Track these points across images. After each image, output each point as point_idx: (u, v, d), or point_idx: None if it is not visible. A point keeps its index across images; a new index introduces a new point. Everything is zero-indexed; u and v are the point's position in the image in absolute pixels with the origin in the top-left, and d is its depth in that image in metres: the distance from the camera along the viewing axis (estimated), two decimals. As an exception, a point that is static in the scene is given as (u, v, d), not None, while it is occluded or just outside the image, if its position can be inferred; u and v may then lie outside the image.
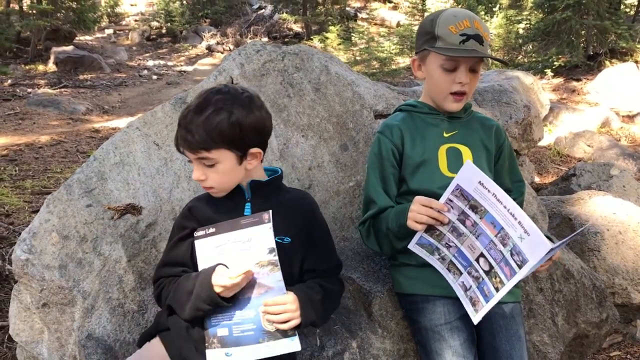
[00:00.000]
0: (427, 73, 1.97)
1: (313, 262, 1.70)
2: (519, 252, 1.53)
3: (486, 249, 1.61)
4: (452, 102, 1.94)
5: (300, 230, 1.68)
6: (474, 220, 1.62)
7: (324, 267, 1.72)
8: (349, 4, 19.38)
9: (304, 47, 2.56)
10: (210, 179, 1.62)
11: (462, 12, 1.90)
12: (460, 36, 1.84)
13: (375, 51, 12.79)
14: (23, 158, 6.30)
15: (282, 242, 1.64)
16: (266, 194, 1.72)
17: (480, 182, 1.57)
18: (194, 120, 1.56)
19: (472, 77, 1.91)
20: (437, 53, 1.88)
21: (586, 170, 4.53)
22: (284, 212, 1.67)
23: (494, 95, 4.44)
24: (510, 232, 1.54)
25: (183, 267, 1.68)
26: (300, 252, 1.68)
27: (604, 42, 10.91)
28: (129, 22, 21.42)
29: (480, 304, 1.65)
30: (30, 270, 2.02)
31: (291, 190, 1.83)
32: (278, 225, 1.59)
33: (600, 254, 3.04)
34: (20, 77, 12.18)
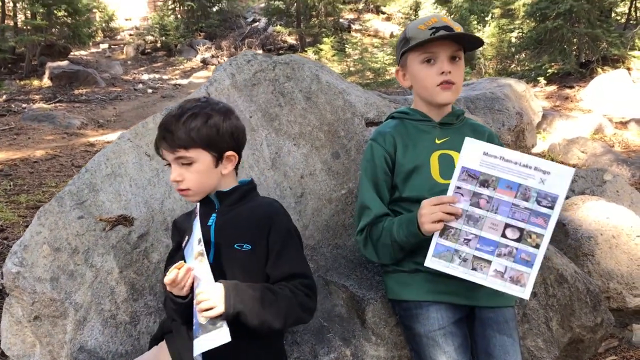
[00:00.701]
0: (411, 76, 2.00)
1: (270, 269, 1.68)
2: (546, 195, 1.58)
3: (510, 217, 1.62)
4: (441, 92, 1.93)
5: (260, 237, 1.67)
6: (488, 195, 1.62)
7: (281, 276, 1.66)
8: (343, 16, 19.49)
9: (294, 56, 2.57)
10: (187, 180, 1.66)
11: (430, 15, 1.97)
12: (429, 30, 1.89)
13: (369, 62, 12.87)
14: (18, 173, 6.28)
15: (240, 249, 1.65)
16: (231, 203, 1.74)
17: (484, 152, 1.60)
18: (174, 122, 1.65)
19: (455, 67, 1.92)
20: (413, 50, 1.92)
21: (579, 176, 4.54)
22: (244, 219, 1.70)
23: (486, 102, 4.46)
24: (530, 183, 1.59)
25: None
26: (261, 260, 1.67)
27: (596, 50, 10.98)
28: (123, 37, 21.47)
29: (524, 275, 1.62)
30: (21, 283, 2.01)
31: (259, 199, 1.82)
32: (236, 233, 1.67)
33: (594, 259, 3.04)
34: (15, 92, 12.19)
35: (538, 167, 1.59)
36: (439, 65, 1.91)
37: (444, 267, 1.67)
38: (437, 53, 1.90)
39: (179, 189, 1.69)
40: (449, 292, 1.83)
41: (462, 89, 2.00)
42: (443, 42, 1.89)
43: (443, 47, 1.90)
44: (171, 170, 1.68)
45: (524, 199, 1.60)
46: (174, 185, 1.70)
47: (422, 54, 1.92)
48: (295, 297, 1.62)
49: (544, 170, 1.58)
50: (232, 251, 1.65)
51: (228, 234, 1.68)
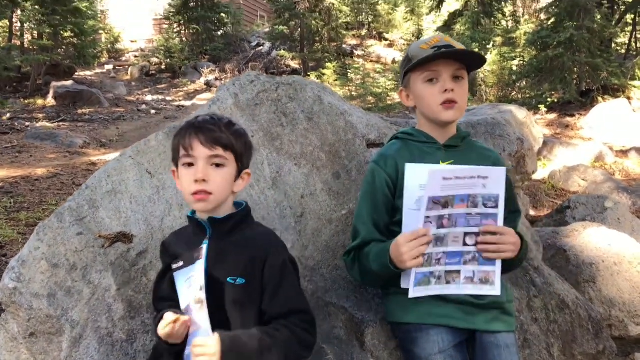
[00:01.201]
0: (415, 95, 1.99)
1: (266, 304, 1.60)
2: (489, 197, 1.73)
3: (466, 226, 1.74)
4: (444, 111, 1.92)
5: (254, 271, 1.60)
6: (448, 214, 1.72)
7: (278, 312, 1.59)
8: (346, 42, 19.69)
9: (297, 77, 2.59)
10: (213, 182, 1.60)
11: (433, 35, 1.99)
12: (431, 49, 1.89)
13: (370, 87, 12.95)
14: (19, 190, 6.29)
15: (234, 282, 1.59)
16: (224, 231, 1.67)
17: (443, 177, 1.68)
18: (213, 122, 1.64)
19: (458, 86, 1.92)
20: (415, 69, 1.93)
21: (581, 203, 4.54)
22: (239, 251, 1.63)
23: (487, 128, 4.46)
24: (475, 191, 1.71)
25: (170, 302, 1.65)
26: (257, 295, 1.61)
27: (596, 79, 11.07)
28: (129, 58, 21.69)
29: (490, 274, 1.77)
30: (18, 299, 1.99)
31: (254, 227, 1.75)
32: (230, 265, 1.60)
33: (595, 286, 3.02)
34: (19, 110, 12.25)
35: (479, 174, 1.71)
36: (442, 83, 1.90)
37: (425, 292, 1.76)
38: (440, 72, 1.90)
39: (201, 190, 1.59)
40: (449, 315, 1.81)
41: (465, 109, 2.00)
42: (445, 61, 1.89)
43: (445, 65, 1.90)
44: (198, 168, 1.60)
45: (474, 206, 1.73)
46: (192, 187, 1.60)
47: (425, 72, 1.92)
48: (295, 336, 1.56)
49: (483, 176, 1.71)
50: (224, 285, 1.59)
51: (221, 266, 1.60)
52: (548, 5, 12.07)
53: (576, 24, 10.78)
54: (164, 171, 2.26)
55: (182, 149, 1.63)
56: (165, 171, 2.26)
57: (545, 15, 12.56)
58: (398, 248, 1.72)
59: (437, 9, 16.80)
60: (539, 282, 2.39)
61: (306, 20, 17.47)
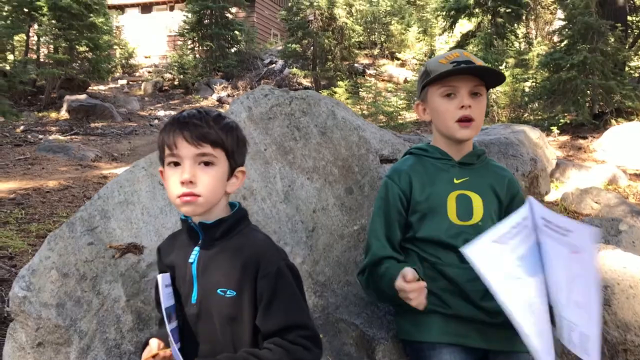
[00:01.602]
0: (431, 109, 1.97)
1: (259, 321, 1.45)
2: None
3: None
4: (460, 129, 1.89)
5: (246, 282, 1.44)
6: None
7: (272, 328, 1.42)
8: (358, 61, 19.79)
9: (311, 92, 2.59)
10: (202, 183, 1.43)
11: (452, 50, 1.97)
12: (451, 64, 1.87)
13: (382, 105, 12.97)
14: (30, 202, 6.32)
15: (224, 295, 1.44)
16: (215, 236, 1.51)
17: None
18: (200, 117, 1.47)
19: (475, 102, 1.89)
20: (433, 84, 1.91)
21: (594, 226, 4.48)
22: (228, 261, 1.48)
23: (500, 147, 4.45)
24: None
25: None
26: (249, 308, 1.45)
27: (610, 102, 11.01)
28: (142, 74, 21.92)
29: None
30: (27, 308, 1.99)
31: (248, 232, 1.56)
32: (220, 276, 1.46)
33: (610, 309, 2.96)
34: (32, 123, 12.40)
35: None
36: (459, 99, 1.88)
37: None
38: (458, 87, 1.88)
39: (188, 193, 1.43)
40: (463, 334, 1.78)
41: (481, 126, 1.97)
42: (464, 77, 1.87)
43: (464, 81, 1.87)
44: (185, 169, 1.43)
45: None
46: (178, 189, 1.45)
47: (442, 87, 1.90)
48: (290, 356, 1.39)
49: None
50: (215, 297, 1.45)
51: (211, 276, 1.47)
52: (561, 27, 12.06)
53: (589, 47, 10.77)
54: (176, 183, 2.25)
55: (166, 147, 1.47)
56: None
57: (558, 37, 12.55)
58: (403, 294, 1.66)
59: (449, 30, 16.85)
60: (554, 303, 2.35)
61: (319, 38, 17.61)
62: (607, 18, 11.18)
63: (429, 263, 1.85)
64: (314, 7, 17.69)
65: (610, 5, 11.90)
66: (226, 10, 19.86)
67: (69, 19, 13.99)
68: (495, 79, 1.95)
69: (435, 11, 17.95)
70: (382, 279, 1.80)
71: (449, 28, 16.65)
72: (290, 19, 18.23)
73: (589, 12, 10.90)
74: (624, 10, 12.28)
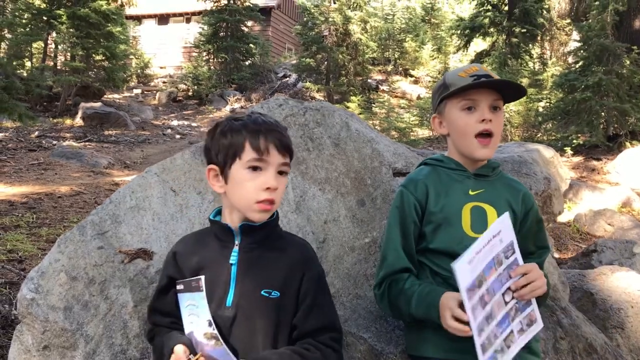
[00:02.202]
0: (449, 123, 1.94)
1: (297, 319, 1.52)
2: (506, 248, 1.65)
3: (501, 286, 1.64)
4: (479, 147, 1.86)
5: (291, 284, 1.52)
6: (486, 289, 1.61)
7: (311, 328, 1.51)
8: (371, 77, 19.87)
9: (325, 103, 2.58)
10: (278, 191, 1.51)
11: (470, 64, 1.95)
12: (470, 77, 1.85)
13: (395, 121, 12.97)
14: (42, 206, 6.36)
15: (268, 296, 1.49)
16: (257, 239, 1.56)
17: (469, 262, 1.57)
18: (279, 124, 1.56)
19: (495, 116, 1.86)
20: (453, 97, 1.88)
21: (608, 247, 4.42)
22: (273, 262, 1.54)
23: (513, 165, 4.40)
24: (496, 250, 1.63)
25: (172, 318, 1.58)
26: (290, 309, 1.52)
27: (624, 124, 10.94)
28: (157, 84, 22.14)
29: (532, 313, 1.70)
30: (34, 310, 1.98)
31: (286, 236, 1.67)
32: (265, 277, 1.50)
33: (624, 332, 2.91)
34: (47, 129, 12.52)
35: (493, 234, 1.62)
36: (480, 112, 1.85)
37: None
38: (478, 101, 1.85)
39: (270, 199, 1.49)
40: (470, 351, 1.74)
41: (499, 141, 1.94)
42: (484, 90, 1.85)
43: (484, 94, 1.85)
44: (270, 176, 1.49)
45: (500, 264, 1.64)
46: (260, 195, 1.48)
47: (463, 100, 1.87)
48: (323, 358, 1.48)
49: (496, 232, 1.62)
50: (258, 298, 1.49)
51: (254, 277, 1.50)
52: (576, 49, 12.05)
53: (605, 69, 10.73)
54: (188, 189, 2.25)
55: (252, 151, 1.48)
56: (189, 189, 2.25)
57: (573, 58, 12.54)
58: (444, 312, 1.65)
59: (464, 48, 16.93)
60: (566, 323, 2.30)
61: (333, 53, 17.72)
62: (623, 41, 11.15)
63: (442, 277, 1.82)
64: (329, 22, 17.84)
65: (626, 28, 11.87)
66: (242, 24, 20.08)
67: (86, 27, 14.17)
68: (514, 94, 1.93)
69: (450, 29, 18.04)
70: (409, 298, 1.77)
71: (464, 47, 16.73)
72: (305, 34, 18.38)
73: (605, 34, 10.89)
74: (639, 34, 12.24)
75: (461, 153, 1.95)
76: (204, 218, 2.18)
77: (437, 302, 1.68)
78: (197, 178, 2.28)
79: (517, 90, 1.91)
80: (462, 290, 1.56)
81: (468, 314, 1.57)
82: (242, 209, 1.52)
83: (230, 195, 1.54)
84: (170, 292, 1.58)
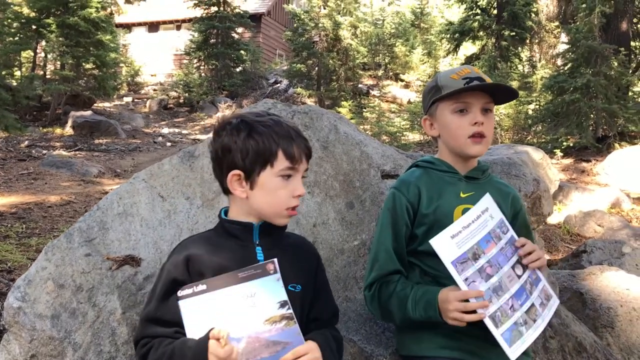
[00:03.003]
0: (440, 125, 1.94)
1: (317, 310, 1.61)
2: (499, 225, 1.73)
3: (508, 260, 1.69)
4: (472, 145, 1.87)
5: (309, 277, 1.61)
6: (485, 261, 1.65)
7: (328, 316, 1.65)
8: (362, 82, 19.92)
9: (313, 106, 2.58)
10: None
11: (462, 66, 1.96)
12: (463, 80, 1.85)
13: (385, 126, 13.00)
14: (31, 216, 6.31)
15: (294, 290, 1.52)
16: (275, 238, 1.60)
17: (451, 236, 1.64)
18: (299, 129, 1.61)
19: (486, 118, 1.87)
20: (445, 99, 1.88)
21: (597, 247, 4.44)
22: (292, 258, 1.58)
23: (502, 167, 4.41)
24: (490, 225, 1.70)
25: (177, 328, 1.45)
26: (308, 300, 1.59)
27: (613, 126, 11.02)
28: (148, 91, 22.10)
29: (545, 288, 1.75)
30: (21, 319, 1.96)
31: (291, 234, 1.73)
32: (289, 272, 1.48)
33: (614, 331, 2.92)
34: (37, 139, 12.44)
35: (481, 210, 1.71)
36: (472, 115, 1.86)
37: (524, 344, 1.63)
38: (471, 104, 1.86)
39: (296, 206, 1.56)
40: (463, 348, 1.75)
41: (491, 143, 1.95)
42: (477, 93, 1.86)
43: (477, 97, 1.86)
44: (294, 182, 1.54)
45: (499, 238, 1.70)
46: (291, 202, 1.54)
47: (455, 103, 1.87)
48: (338, 341, 1.62)
49: (483, 209, 1.71)
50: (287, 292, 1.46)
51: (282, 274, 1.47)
52: (565, 51, 12.15)
53: (593, 70, 10.82)
54: (176, 195, 2.24)
55: (286, 159, 1.51)
56: (177, 195, 2.24)
57: (561, 60, 12.65)
58: (446, 304, 1.66)
59: (454, 52, 17.01)
60: (555, 322, 2.31)
61: (324, 59, 17.76)
62: (611, 43, 11.26)
63: (431, 276, 1.82)
64: (319, 28, 17.88)
65: (613, 30, 11.99)
66: (232, 30, 20.09)
67: (76, 36, 14.11)
68: (505, 96, 1.95)
69: (440, 34, 18.14)
70: (403, 300, 1.78)
71: (454, 50, 16.81)
72: (296, 40, 18.41)
73: (593, 36, 10.98)
74: (627, 35, 12.37)
75: (453, 152, 1.95)
76: (192, 223, 2.17)
77: (434, 300, 1.70)
78: (185, 183, 2.27)
79: (508, 92, 1.93)
80: (447, 263, 1.62)
81: (460, 284, 1.61)
82: (269, 214, 1.55)
83: (256, 201, 1.54)
84: (173, 298, 1.48)
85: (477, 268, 1.62)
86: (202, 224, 2.19)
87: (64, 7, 14.10)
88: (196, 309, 1.41)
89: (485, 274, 1.62)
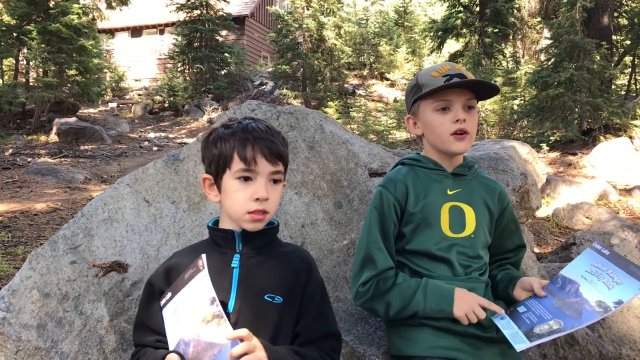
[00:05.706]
0: (423, 124, 1.93)
1: (302, 327, 1.50)
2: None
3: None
4: (455, 142, 1.85)
5: (295, 289, 1.50)
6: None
7: (314, 336, 1.49)
8: (348, 81, 19.91)
9: (299, 107, 2.56)
10: (271, 200, 1.50)
11: (442, 62, 1.94)
12: (443, 77, 1.83)
13: (372, 125, 13.01)
14: (17, 225, 6.23)
15: (272, 301, 1.46)
16: (258, 245, 1.55)
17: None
18: (271, 132, 1.52)
19: (469, 115, 1.86)
20: (426, 98, 1.87)
21: (586, 239, 4.46)
22: (277, 267, 1.52)
23: (490, 162, 4.42)
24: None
25: (158, 337, 1.49)
26: (292, 315, 1.49)
27: (598, 119, 11.10)
28: (132, 96, 21.93)
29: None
30: (6, 330, 1.92)
31: (286, 245, 1.66)
32: (269, 281, 1.47)
33: (605, 323, 2.92)
34: (21, 146, 12.30)
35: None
36: (454, 113, 1.84)
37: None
38: (452, 101, 1.84)
39: (262, 210, 1.47)
40: (455, 347, 1.73)
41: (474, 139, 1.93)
42: (458, 90, 1.84)
43: (458, 94, 1.84)
44: (261, 186, 1.47)
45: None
46: (250, 206, 1.47)
47: (436, 101, 1.86)
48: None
49: None
50: (261, 303, 1.46)
51: (257, 282, 1.47)
52: (547, 46, 12.21)
53: (576, 65, 10.89)
54: (161, 199, 2.21)
55: (240, 161, 1.47)
56: (163, 199, 2.21)
57: (545, 55, 12.71)
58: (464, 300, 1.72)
59: (437, 50, 17.03)
60: (547, 316, 2.30)
61: (308, 60, 17.72)
62: (593, 37, 11.35)
63: (420, 276, 1.81)
64: (303, 29, 17.84)
65: (595, 24, 12.09)
66: (216, 33, 19.99)
67: (58, 42, 13.95)
68: (487, 92, 1.92)
69: (423, 32, 18.17)
70: (393, 290, 1.78)
71: (437, 48, 16.84)
72: (280, 41, 18.35)
73: (575, 31, 11.06)
74: (608, 30, 12.47)
75: (437, 149, 1.93)
76: (178, 227, 2.14)
77: (448, 295, 1.73)
78: (171, 187, 2.24)
79: (490, 88, 1.90)
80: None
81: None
82: (235, 219, 1.53)
83: (225, 205, 1.54)
84: (156, 304, 1.51)
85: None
86: (189, 228, 2.16)
87: (45, 13, 13.93)
88: (168, 317, 1.45)
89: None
